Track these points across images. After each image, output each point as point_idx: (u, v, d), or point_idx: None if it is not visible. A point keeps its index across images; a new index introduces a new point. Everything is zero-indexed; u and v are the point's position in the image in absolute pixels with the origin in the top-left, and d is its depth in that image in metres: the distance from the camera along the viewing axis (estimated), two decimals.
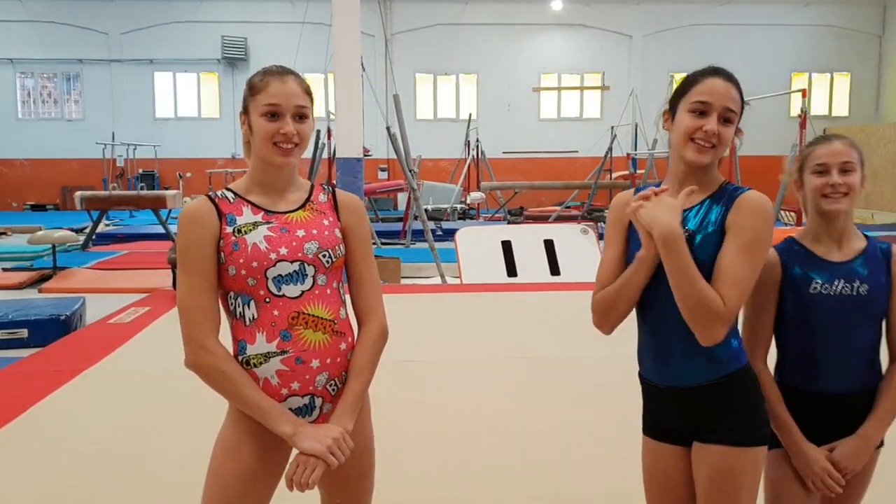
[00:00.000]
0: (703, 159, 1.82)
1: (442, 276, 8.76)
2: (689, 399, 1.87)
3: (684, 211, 1.84)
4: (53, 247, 9.70)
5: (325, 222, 1.89)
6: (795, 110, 19.56)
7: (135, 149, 19.15)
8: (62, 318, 6.13)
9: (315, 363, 1.82)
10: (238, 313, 1.83)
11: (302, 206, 1.89)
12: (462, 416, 4.03)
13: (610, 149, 16.82)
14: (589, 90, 21.88)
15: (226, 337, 1.83)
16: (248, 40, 20.78)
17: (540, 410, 4.12)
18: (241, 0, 20.70)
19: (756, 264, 1.79)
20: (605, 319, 1.92)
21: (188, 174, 19.66)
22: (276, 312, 1.80)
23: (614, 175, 18.10)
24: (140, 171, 20.35)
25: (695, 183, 1.86)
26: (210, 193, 1.88)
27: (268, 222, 1.83)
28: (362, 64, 9.01)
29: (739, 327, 1.91)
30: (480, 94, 21.68)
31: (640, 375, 1.99)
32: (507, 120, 21.36)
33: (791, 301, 1.99)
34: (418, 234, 11.94)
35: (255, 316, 1.80)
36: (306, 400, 1.82)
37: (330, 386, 1.85)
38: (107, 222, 16.16)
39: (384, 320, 1.96)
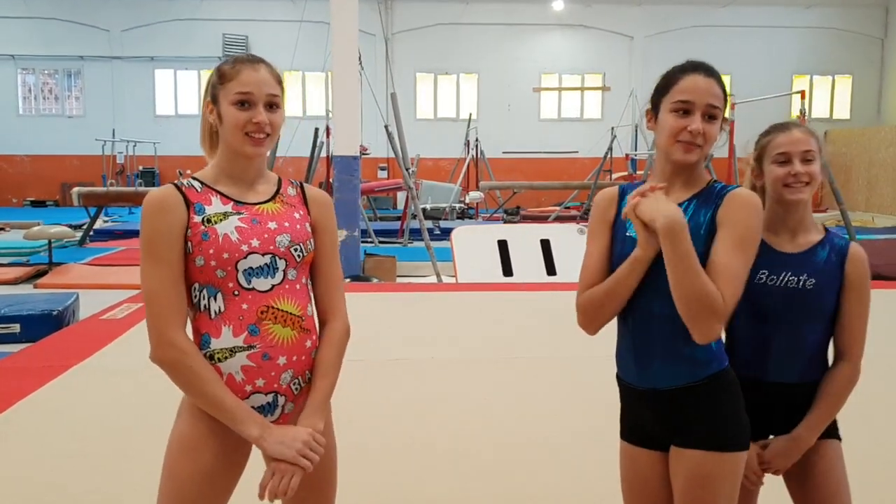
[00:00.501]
0: (691, 158, 1.79)
1: (438, 275, 8.74)
2: (668, 401, 1.83)
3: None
4: (49, 242, 9.70)
5: (296, 215, 1.85)
6: (796, 112, 19.52)
7: (135, 146, 19.15)
8: (54, 313, 6.12)
9: (282, 360, 1.77)
10: (202, 306, 1.77)
11: (272, 198, 1.85)
12: (455, 417, 4.01)
13: (610, 149, 16.79)
14: (590, 91, 21.85)
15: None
16: (249, 38, 20.76)
17: (533, 411, 4.10)
18: None
19: (748, 260, 1.76)
20: (593, 321, 1.88)
21: (188, 171, 19.59)
22: (244, 306, 1.75)
23: (614, 176, 18.07)
24: (140, 168, 20.35)
25: (682, 181, 1.84)
26: (176, 182, 1.81)
27: (238, 213, 1.78)
28: (361, 62, 8.99)
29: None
30: (481, 94, 21.65)
31: (619, 377, 1.95)
32: (508, 120, 21.32)
33: None
34: (416, 234, 11.92)
35: (222, 309, 1.75)
36: (269, 398, 1.77)
37: (294, 385, 1.80)
38: (105, 219, 16.15)
39: (347, 319, 1.93)
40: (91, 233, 12.68)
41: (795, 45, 21.59)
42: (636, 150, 18.53)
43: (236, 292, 1.75)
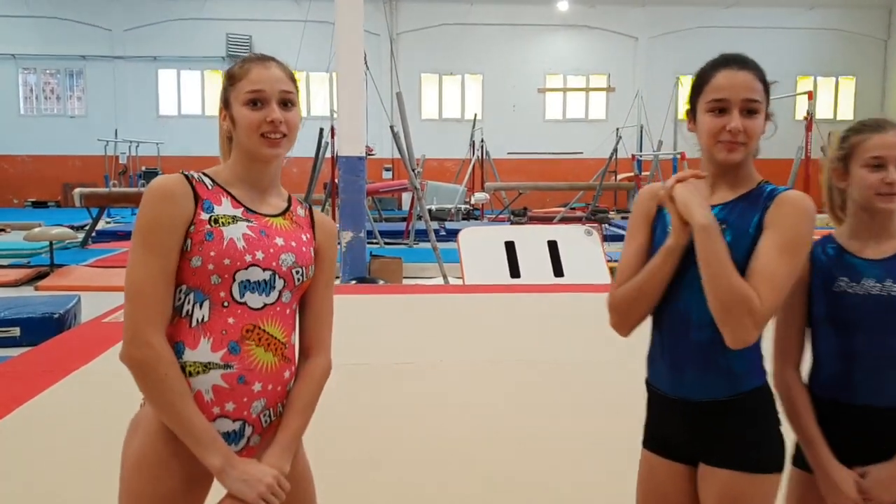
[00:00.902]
0: (735, 157, 1.69)
1: (444, 277, 8.64)
2: (701, 414, 1.72)
3: (714, 206, 1.72)
4: (51, 244, 9.61)
5: (303, 237, 1.73)
6: (800, 113, 19.45)
7: (137, 146, 19.08)
8: (55, 316, 6.02)
9: (257, 386, 1.62)
10: (184, 311, 1.62)
11: (283, 214, 1.73)
12: (463, 421, 3.91)
13: (615, 150, 16.71)
14: (594, 91, 21.76)
15: None
16: (253, 38, 20.70)
17: (542, 416, 3.99)
18: None
19: (794, 266, 1.65)
20: (625, 318, 1.77)
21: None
22: (230, 320, 1.61)
23: (619, 177, 18.00)
24: (143, 168, 20.27)
25: (729, 181, 1.73)
26: (186, 173, 1.67)
27: (247, 220, 1.65)
28: (366, 63, 8.90)
29: (762, 342, 1.75)
30: (486, 95, 21.58)
31: (648, 382, 1.84)
32: (513, 120, 21.25)
33: (817, 301, 1.81)
34: (422, 234, 11.83)
35: (206, 318, 1.60)
36: (237, 426, 1.62)
37: (264, 416, 1.66)
38: (107, 219, 16.08)
39: (330, 356, 1.79)
40: (93, 234, 12.61)
41: (799, 47, 21.51)
42: (641, 150, 18.43)
43: (226, 303, 1.61)
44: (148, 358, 1.55)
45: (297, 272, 1.68)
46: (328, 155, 12.40)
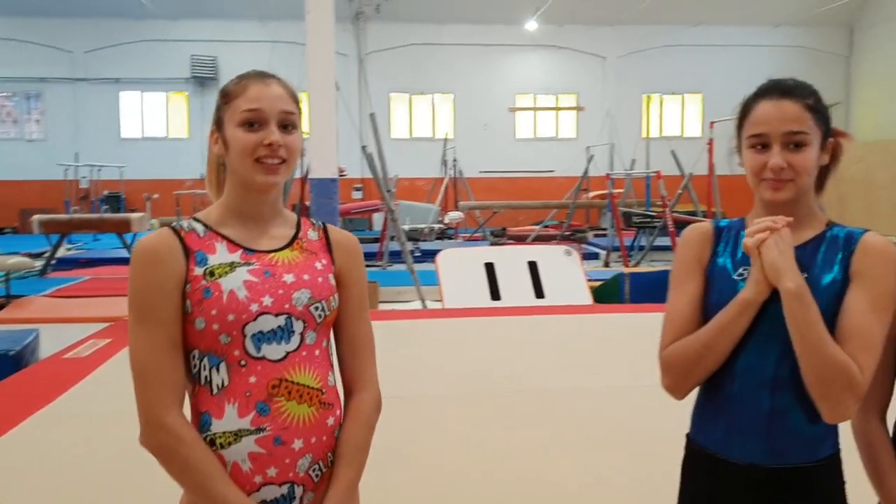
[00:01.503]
0: (782, 196, 1.51)
1: (422, 300, 8.41)
2: (772, 483, 1.51)
3: None
4: (7, 274, 9.19)
5: (318, 265, 1.52)
6: None
7: (99, 170, 18.60)
8: (11, 353, 5.64)
9: (297, 444, 1.43)
10: (203, 378, 1.44)
11: (289, 245, 1.52)
12: (448, 462, 3.67)
13: (586, 169, 16.67)
14: (564, 111, 21.82)
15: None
16: (219, 59, 20.41)
17: (534, 451, 3.77)
18: (211, 19, 20.32)
19: (886, 323, 1.47)
20: (685, 379, 1.55)
21: (155, 196, 19.10)
22: (252, 379, 1.42)
23: (591, 194, 17.99)
24: (105, 192, 19.79)
25: (793, 222, 1.52)
26: (174, 224, 1.49)
27: (247, 263, 1.46)
28: (336, 83, 8.72)
29: None
30: (457, 114, 21.52)
31: (693, 440, 1.61)
32: (484, 140, 21.20)
33: None
34: (395, 256, 11.59)
35: (226, 383, 1.42)
36: (284, 489, 1.44)
37: (313, 471, 1.46)
38: (68, 246, 15.57)
39: (378, 390, 1.58)
40: (53, 262, 12.15)
41: (765, 63, 21.71)
42: (612, 168, 18.44)
43: (243, 362, 1.42)
44: (165, 442, 1.38)
45: (317, 308, 1.48)
46: (297, 175, 12.16)
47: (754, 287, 1.47)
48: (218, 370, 1.42)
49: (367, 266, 8.15)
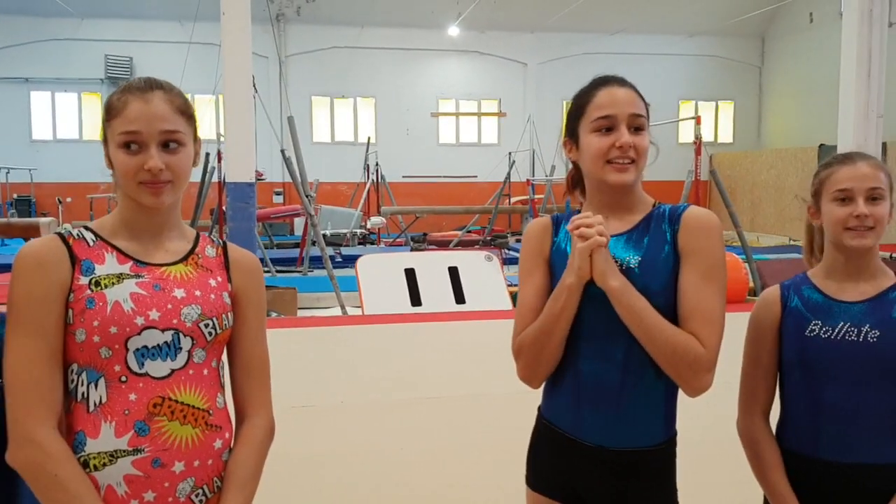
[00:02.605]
0: (626, 178, 1.58)
1: (342, 307, 8.35)
2: (619, 465, 1.57)
3: (613, 237, 1.58)
4: None
5: (212, 283, 1.48)
6: (683, 137, 20.25)
7: (8, 172, 17.83)
8: None
9: (178, 467, 1.38)
10: (79, 395, 1.37)
11: (183, 259, 1.48)
12: (366, 471, 3.65)
13: (508, 174, 16.84)
14: (486, 116, 21.98)
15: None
16: (134, 59, 19.82)
17: (454, 459, 3.79)
18: (125, 18, 19.70)
19: (722, 291, 1.55)
20: (534, 368, 1.61)
21: (68, 199, 18.47)
22: (132, 396, 1.36)
23: (513, 200, 18.18)
24: (14, 196, 18.98)
25: (623, 208, 1.62)
26: (62, 230, 1.42)
27: (137, 275, 1.41)
28: (254, 85, 8.57)
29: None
30: (379, 118, 21.42)
31: (546, 419, 1.66)
32: (407, 144, 21.16)
33: (788, 345, 1.65)
34: (316, 261, 11.47)
35: (103, 400, 1.36)
36: None
37: (196, 496, 1.41)
38: None
39: (272, 415, 1.54)
40: None
41: (681, 73, 22.40)
42: (534, 175, 18.69)
43: (123, 378, 1.36)
44: (32, 458, 1.30)
45: (207, 325, 1.43)
46: (215, 179, 11.92)
47: (575, 273, 1.53)
48: (96, 386, 1.37)
49: (288, 272, 8.01)
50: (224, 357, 1.53)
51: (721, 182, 9.94)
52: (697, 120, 10.75)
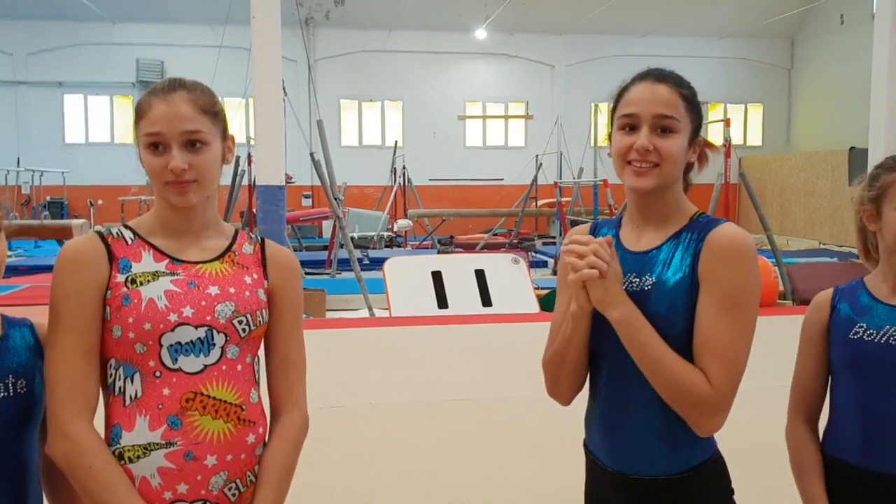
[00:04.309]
0: (644, 183, 1.45)
1: (370, 309, 8.40)
2: (641, 494, 1.47)
3: (640, 254, 1.48)
4: None
5: (248, 279, 1.50)
6: (712, 140, 19.93)
7: (41, 175, 18.16)
8: None
9: (210, 460, 1.40)
10: (117, 389, 1.41)
11: (220, 257, 1.50)
12: (397, 471, 3.67)
13: (535, 177, 16.80)
14: (514, 119, 21.96)
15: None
16: (165, 63, 20.08)
17: (479, 460, 3.80)
18: (157, 22, 19.97)
19: (745, 322, 1.40)
20: (556, 386, 1.56)
21: (100, 202, 18.75)
22: (166, 391, 1.39)
23: (540, 203, 18.13)
24: (48, 198, 19.29)
25: (656, 217, 1.50)
26: (101, 229, 1.46)
27: (172, 273, 1.43)
28: (284, 89, 8.65)
29: None
30: (406, 122, 21.49)
31: (586, 446, 1.60)
32: (433, 147, 21.20)
33: (834, 349, 1.61)
34: (344, 264, 11.54)
35: (139, 394, 1.39)
36: None
37: (229, 490, 1.43)
38: (8, 253, 15.12)
39: (306, 411, 1.56)
40: None
41: (710, 75, 22.19)
42: (561, 177, 18.64)
43: (158, 373, 1.39)
44: (69, 451, 1.35)
45: (240, 322, 1.45)
46: (245, 182, 12.03)
47: (575, 300, 1.45)
48: (132, 381, 1.40)
49: (316, 274, 8.07)
50: (261, 352, 1.56)
51: (751, 185, 9.83)
52: (727, 122, 10.66)
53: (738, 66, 22.30)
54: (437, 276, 8.36)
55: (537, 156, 17.58)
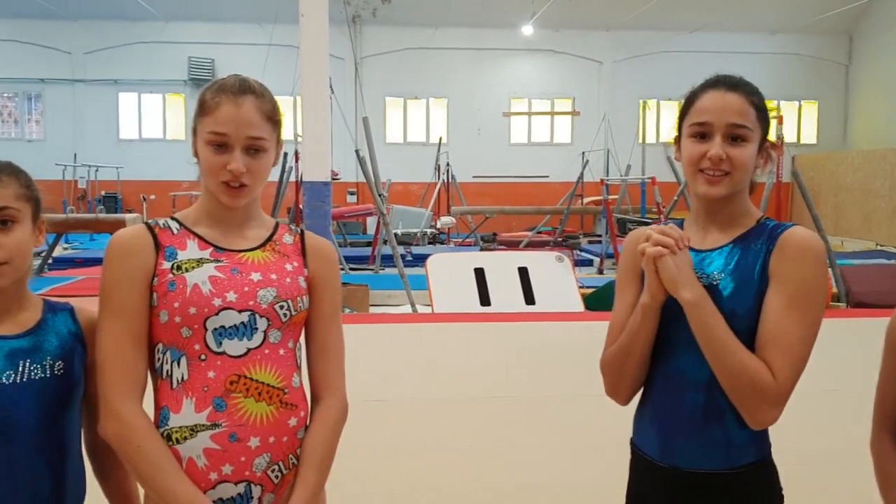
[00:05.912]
0: (716, 191, 1.49)
1: (412, 305, 8.44)
2: (693, 487, 1.50)
3: (706, 252, 1.52)
4: None
5: (289, 267, 1.55)
6: (771, 137, 19.61)
7: (97, 170, 18.64)
8: None
9: (254, 442, 1.45)
10: (164, 372, 1.47)
11: (261, 246, 1.55)
12: (434, 467, 3.70)
13: (581, 174, 16.68)
14: (559, 115, 21.82)
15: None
16: (216, 61, 20.43)
17: (522, 458, 3.81)
18: (207, 21, 20.34)
19: (811, 321, 1.43)
20: (617, 384, 1.58)
21: (152, 197, 19.14)
22: (211, 374, 1.44)
23: (585, 200, 17.99)
24: (102, 193, 19.81)
25: (721, 221, 1.53)
26: (149, 221, 1.53)
27: (216, 260, 1.49)
28: (331, 86, 8.75)
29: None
30: (451, 119, 21.51)
31: (633, 444, 1.62)
32: (478, 144, 21.19)
33: None
34: (387, 260, 11.62)
35: (185, 377, 1.44)
36: (241, 488, 1.45)
37: (272, 472, 1.47)
38: (65, 246, 15.59)
39: (345, 396, 1.61)
40: (50, 261, 12.18)
41: (762, 71, 21.70)
42: (608, 174, 18.47)
43: (203, 356, 1.44)
44: (118, 431, 1.42)
45: (282, 307, 1.50)
46: (292, 179, 12.19)
47: (648, 292, 1.49)
48: (179, 364, 1.45)
49: (360, 269, 8.18)
50: (302, 339, 1.60)
51: (804, 184, 9.62)
52: (779, 120, 10.45)
53: (791, 62, 21.82)
54: (479, 273, 8.36)
55: (584, 153, 17.45)
